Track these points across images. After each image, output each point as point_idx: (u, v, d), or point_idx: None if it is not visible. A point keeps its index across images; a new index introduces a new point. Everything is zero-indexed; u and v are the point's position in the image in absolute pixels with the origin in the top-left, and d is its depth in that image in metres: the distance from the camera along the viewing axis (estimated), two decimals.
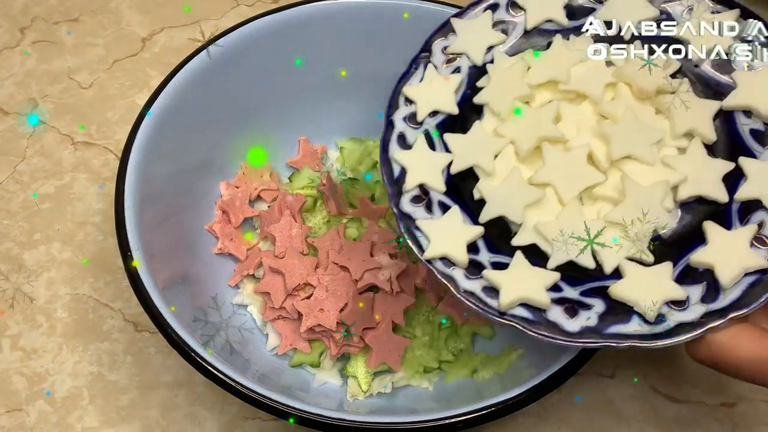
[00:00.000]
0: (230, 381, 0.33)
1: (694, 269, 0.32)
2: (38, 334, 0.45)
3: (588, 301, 0.32)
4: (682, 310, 0.31)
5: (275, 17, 0.44)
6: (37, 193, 0.50)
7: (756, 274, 0.31)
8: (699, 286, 0.31)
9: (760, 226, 0.31)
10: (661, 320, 0.31)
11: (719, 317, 0.30)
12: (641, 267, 0.32)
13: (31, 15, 0.58)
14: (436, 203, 0.34)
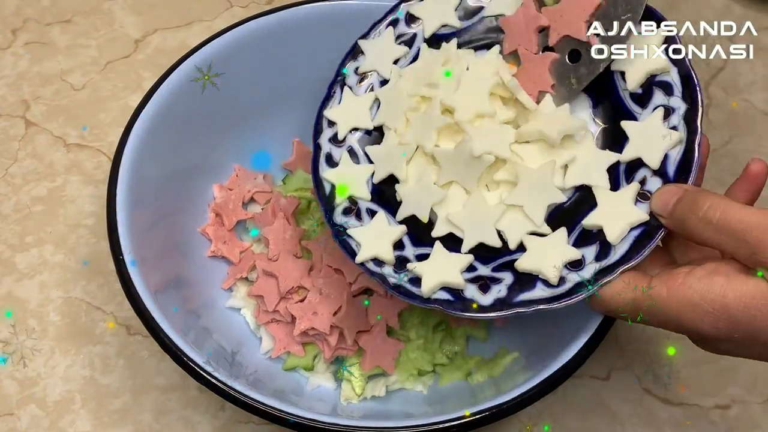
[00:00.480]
0: (223, 386, 0.33)
1: (588, 231, 0.35)
2: (30, 337, 0.45)
3: (498, 276, 0.35)
4: (579, 270, 0.34)
5: (269, 19, 0.44)
6: (30, 196, 0.50)
7: (641, 227, 0.34)
8: (593, 246, 0.34)
9: (642, 182, 0.34)
10: (562, 283, 0.34)
11: (611, 272, 0.33)
12: (540, 238, 0.35)
13: (23, 16, 0.58)
14: (365, 211, 0.38)
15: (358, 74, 0.41)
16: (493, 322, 0.44)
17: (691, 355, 0.45)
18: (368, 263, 0.36)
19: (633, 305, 0.32)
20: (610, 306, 0.33)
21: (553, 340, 0.39)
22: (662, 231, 0.33)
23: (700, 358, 0.45)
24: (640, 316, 0.32)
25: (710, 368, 0.44)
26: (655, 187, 0.34)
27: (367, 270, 0.36)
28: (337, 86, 0.41)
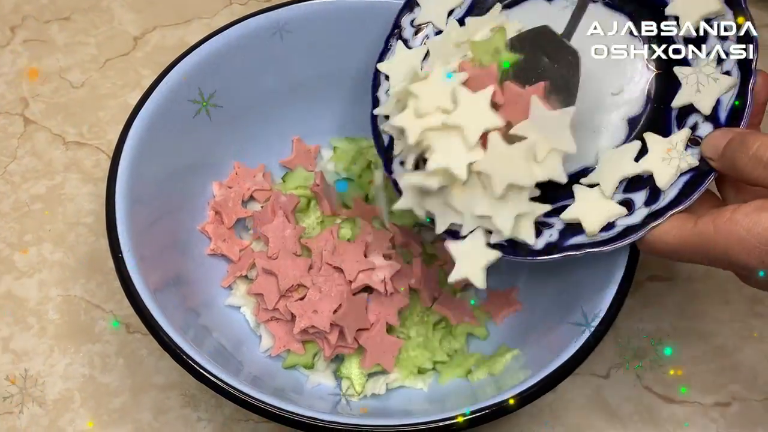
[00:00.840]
0: (222, 384, 0.33)
1: (638, 177, 0.35)
2: (29, 335, 0.45)
3: (550, 221, 0.36)
4: (629, 215, 0.35)
5: (268, 16, 0.44)
6: (29, 194, 0.50)
7: (690, 173, 0.34)
8: (643, 192, 0.35)
9: (693, 128, 0.35)
10: (611, 227, 0.35)
11: (660, 216, 0.34)
12: (589, 189, 0.36)
13: (21, 14, 0.58)
14: (422, 161, 0.37)
15: (414, 26, 0.41)
16: (492, 320, 0.44)
17: (691, 353, 0.45)
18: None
19: (682, 244, 0.33)
20: (658, 246, 0.34)
21: (553, 338, 0.39)
22: (712, 174, 0.34)
23: (701, 355, 0.45)
24: (688, 255, 0.33)
25: (710, 366, 0.44)
26: (707, 132, 0.34)
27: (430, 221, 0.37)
28: (393, 39, 0.41)
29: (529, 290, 0.44)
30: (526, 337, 0.41)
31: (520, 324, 0.43)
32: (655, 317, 0.46)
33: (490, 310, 0.44)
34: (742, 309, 0.46)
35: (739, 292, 0.47)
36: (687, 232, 0.33)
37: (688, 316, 0.46)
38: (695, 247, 0.32)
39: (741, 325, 0.46)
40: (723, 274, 0.47)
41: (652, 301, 0.47)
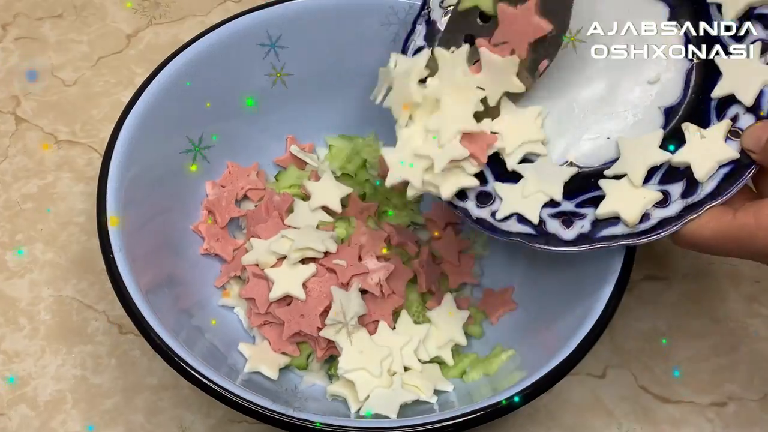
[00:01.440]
0: (214, 386, 0.33)
1: (675, 168, 0.35)
2: (21, 336, 0.44)
3: (582, 211, 0.35)
4: (665, 207, 0.34)
5: (262, 14, 0.44)
6: (20, 193, 0.49)
7: (730, 165, 0.33)
8: (680, 183, 0.34)
9: (734, 119, 0.34)
10: (646, 219, 0.34)
11: (697, 209, 0.33)
12: (617, 181, 0.35)
13: (13, 11, 0.57)
14: None
15: (443, 7, 0.39)
16: (488, 319, 0.44)
17: (687, 353, 0.45)
18: (453, 197, 0.37)
19: (720, 238, 0.32)
20: (696, 240, 0.33)
21: (548, 338, 0.38)
22: (753, 168, 0.33)
23: (697, 355, 0.45)
24: (727, 249, 0.32)
25: (707, 366, 0.44)
26: (747, 123, 0.33)
27: (449, 203, 0.37)
28: (421, 20, 0.40)
29: (524, 290, 0.44)
30: (522, 337, 0.41)
31: (516, 324, 0.43)
32: (651, 316, 0.46)
33: (485, 309, 0.44)
34: (738, 308, 0.46)
35: (735, 292, 0.47)
36: (725, 225, 0.32)
37: (684, 315, 0.46)
38: (734, 240, 0.32)
39: (737, 324, 0.46)
40: (719, 273, 0.47)
41: (648, 300, 0.46)
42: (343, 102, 0.48)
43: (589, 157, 0.37)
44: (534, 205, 0.36)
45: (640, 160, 0.35)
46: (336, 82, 0.47)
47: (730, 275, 0.47)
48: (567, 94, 0.38)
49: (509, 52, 0.35)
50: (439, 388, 0.40)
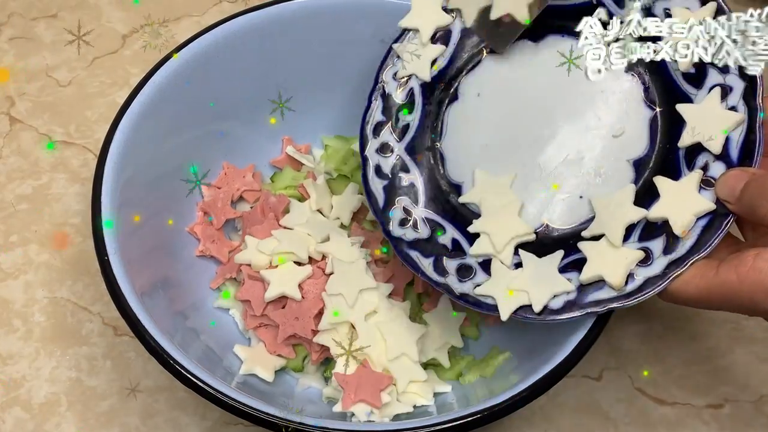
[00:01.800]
0: (209, 389, 0.33)
1: (653, 224, 0.34)
2: (15, 338, 0.44)
3: (567, 277, 0.35)
4: (648, 265, 0.33)
5: (258, 14, 0.44)
6: (14, 194, 0.49)
7: (707, 216, 0.33)
8: (660, 239, 0.33)
9: (705, 168, 0.33)
10: (631, 280, 0.33)
11: (681, 265, 0.33)
12: (596, 243, 0.34)
13: (7, 11, 0.57)
14: (421, 220, 0.38)
15: (397, 80, 0.40)
16: (484, 321, 0.44)
17: (683, 355, 0.45)
18: (431, 273, 0.36)
19: (705, 295, 0.32)
20: (682, 298, 0.33)
21: (545, 340, 0.38)
22: (731, 218, 0.32)
23: (693, 357, 0.45)
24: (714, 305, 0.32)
25: (702, 368, 0.44)
26: (719, 172, 0.32)
27: (431, 280, 0.36)
28: (377, 95, 0.40)
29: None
30: (519, 340, 0.41)
31: (512, 326, 0.43)
32: (647, 319, 0.46)
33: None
34: None
35: None
36: (709, 281, 0.32)
37: (680, 317, 0.46)
38: (719, 296, 0.31)
39: (733, 326, 0.46)
40: None
41: (644, 302, 0.46)
42: (340, 102, 0.48)
43: (563, 217, 0.36)
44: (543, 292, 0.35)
45: (617, 218, 0.34)
46: (333, 82, 0.47)
47: None
48: (532, 157, 0.37)
49: None
50: (436, 390, 0.40)
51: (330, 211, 0.45)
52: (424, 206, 0.38)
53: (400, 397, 0.39)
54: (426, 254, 0.37)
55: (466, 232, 0.37)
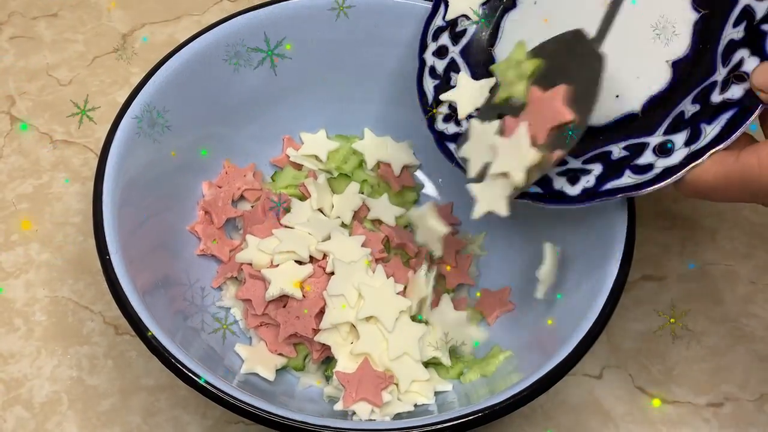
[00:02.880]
0: (211, 388, 0.33)
1: (681, 118, 0.35)
2: (16, 337, 0.44)
3: (588, 167, 0.36)
4: (667, 156, 0.34)
5: (258, 14, 0.44)
6: (15, 193, 0.49)
7: (732, 109, 0.33)
8: (684, 132, 0.34)
9: (738, 65, 0.34)
10: (650, 169, 0.34)
11: (700, 155, 0.33)
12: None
13: (8, 10, 0.57)
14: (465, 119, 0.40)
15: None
16: (485, 320, 0.44)
17: (683, 353, 0.45)
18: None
19: (723, 181, 0.32)
20: (699, 186, 0.33)
21: (546, 338, 0.38)
22: (758, 109, 0.32)
23: (693, 356, 0.45)
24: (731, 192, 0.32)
25: (703, 366, 0.44)
26: (753, 67, 0.33)
27: (459, 166, 0.39)
28: (440, 2, 0.42)
29: (521, 291, 0.44)
30: (519, 338, 0.41)
31: (513, 325, 0.43)
32: (648, 317, 0.46)
33: (482, 310, 0.44)
34: (734, 309, 0.46)
35: (731, 293, 0.47)
36: (728, 167, 0.32)
37: (681, 316, 0.46)
38: (737, 182, 0.31)
39: (733, 325, 0.46)
40: (715, 274, 0.47)
41: (645, 300, 0.46)
42: (340, 102, 0.48)
43: (598, 113, 0.37)
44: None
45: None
46: (333, 81, 0.47)
47: (726, 276, 0.47)
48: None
49: (531, 133, 0.35)
50: (437, 389, 0.40)
51: (331, 210, 0.45)
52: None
53: (401, 396, 0.39)
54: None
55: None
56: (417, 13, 0.44)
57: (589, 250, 0.39)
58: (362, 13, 0.44)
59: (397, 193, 0.47)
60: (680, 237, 0.49)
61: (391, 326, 0.39)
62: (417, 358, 0.39)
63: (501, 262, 0.45)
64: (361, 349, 0.39)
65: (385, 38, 0.45)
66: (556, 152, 0.34)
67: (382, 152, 0.48)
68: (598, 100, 0.35)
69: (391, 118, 0.48)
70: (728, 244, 0.49)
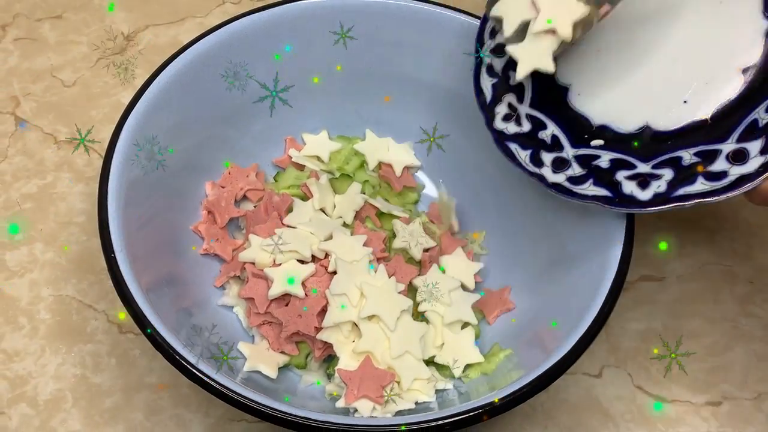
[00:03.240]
0: (215, 384, 0.33)
1: (755, 126, 0.35)
2: (20, 336, 0.44)
3: (658, 172, 0.36)
4: (742, 164, 0.35)
5: (261, 15, 0.44)
6: (20, 193, 0.49)
7: None
8: (759, 141, 0.35)
9: None
10: (724, 176, 0.35)
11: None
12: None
13: (13, 12, 0.57)
14: (524, 116, 0.40)
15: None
16: (485, 319, 0.44)
17: (682, 353, 0.45)
18: (527, 163, 0.39)
19: None
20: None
21: (546, 337, 0.39)
22: None
23: (692, 356, 0.45)
24: None
25: (702, 365, 0.45)
26: None
27: (526, 170, 0.39)
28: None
29: (522, 290, 0.44)
30: (519, 337, 0.41)
31: (513, 323, 0.43)
32: (647, 317, 0.46)
33: (483, 309, 0.44)
34: (732, 309, 0.47)
35: (729, 292, 0.47)
36: None
37: (679, 315, 0.46)
38: None
39: (732, 324, 0.46)
40: (714, 274, 0.48)
41: (644, 300, 0.47)
42: (343, 102, 0.48)
43: (666, 119, 0.38)
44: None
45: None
46: (336, 83, 0.47)
47: (725, 276, 0.48)
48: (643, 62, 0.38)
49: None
50: (438, 387, 0.40)
51: (333, 210, 0.45)
52: (529, 104, 0.40)
53: (403, 393, 0.39)
54: (524, 147, 0.40)
55: (566, 130, 0.39)
56: (418, 15, 0.44)
57: (589, 249, 0.39)
58: (364, 14, 0.45)
59: (398, 194, 0.48)
60: (679, 237, 0.49)
61: (392, 325, 0.40)
62: (418, 357, 0.40)
63: (501, 261, 0.46)
64: (363, 347, 0.39)
65: (387, 40, 0.45)
66: (603, 7, 0.34)
67: (383, 153, 0.48)
68: None
69: (392, 119, 0.49)
70: (727, 245, 0.49)
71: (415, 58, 0.46)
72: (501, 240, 0.46)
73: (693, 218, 0.50)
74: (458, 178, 0.48)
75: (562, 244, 0.42)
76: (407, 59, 0.46)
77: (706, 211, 0.50)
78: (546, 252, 0.43)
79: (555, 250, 0.42)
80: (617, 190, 0.37)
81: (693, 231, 0.49)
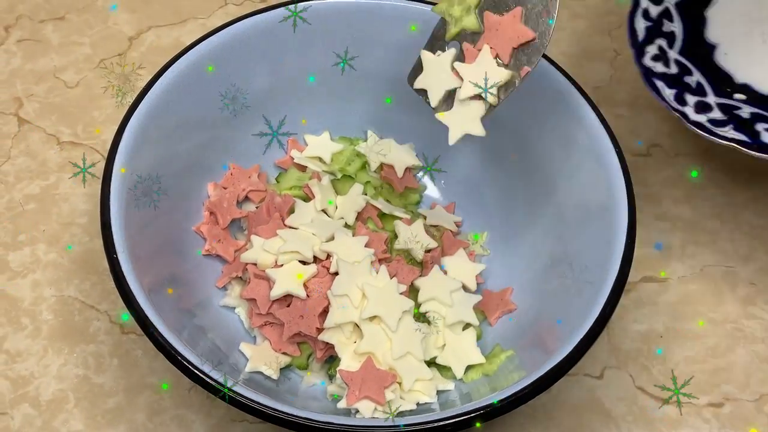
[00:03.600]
0: (217, 385, 0.33)
1: None
2: (23, 336, 0.44)
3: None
4: None
5: (264, 17, 0.44)
6: (22, 194, 0.50)
7: None
8: None
9: None
10: None
11: None
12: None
13: (16, 13, 0.58)
14: (672, 60, 0.44)
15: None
16: (486, 320, 0.44)
17: (684, 354, 0.45)
18: (671, 101, 0.41)
19: None
20: None
21: (547, 338, 0.39)
22: None
23: (693, 356, 0.45)
24: None
25: (703, 367, 0.45)
26: None
27: (669, 106, 0.42)
28: None
29: (523, 291, 0.44)
30: (520, 338, 0.41)
31: (514, 325, 0.43)
32: (649, 318, 0.46)
33: (484, 310, 0.44)
34: (734, 310, 0.47)
35: (731, 294, 0.47)
36: None
37: (681, 317, 0.46)
38: None
39: (733, 326, 0.46)
40: (716, 276, 0.48)
41: (646, 301, 0.47)
42: (345, 103, 0.48)
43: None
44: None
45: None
46: (337, 83, 0.47)
47: (726, 277, 0.48)
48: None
49: (493, 56, 0.36)
50: (439, 388, 0.40)
51: (335, 211, 0.45)
52: (679, 52, 0.44)
53: (404, 394, 0.39)
54: (670, 86, 0.43)
55: (710, 81, 0.43)
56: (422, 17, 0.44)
57: (590, 250, 0.39)
58: (372, 16, 0.45)
59: (400, 195, 0.48)
60: (681, 239, 0.49)
61: (394, 326, 0.40)
62: (420, 358, 0.40)
63: (503, 262, 0.46)
64: (365, 348, 0.39)
65: (389, 41, 0.45)
66: (523, 68, 0.35)
67: (385, 154, 0.48)
68: (555, 14, 0.35)
69: (393, 120, 0.49)
70: (729, 246, 0.49)
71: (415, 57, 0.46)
72: (503, 241, 0.46)
73: (695, 219, 0.50)
74: (459, 178, 0.48)
75: (564, 246, 0.42)
76: (409, 60, 0.46)
77: (708, 212, 0.50)
78: (548, 253, 0.43)
79: (556, 252, 0.42)
80: (756, 138, 0.40)
81: (695, 232, 0.49)
